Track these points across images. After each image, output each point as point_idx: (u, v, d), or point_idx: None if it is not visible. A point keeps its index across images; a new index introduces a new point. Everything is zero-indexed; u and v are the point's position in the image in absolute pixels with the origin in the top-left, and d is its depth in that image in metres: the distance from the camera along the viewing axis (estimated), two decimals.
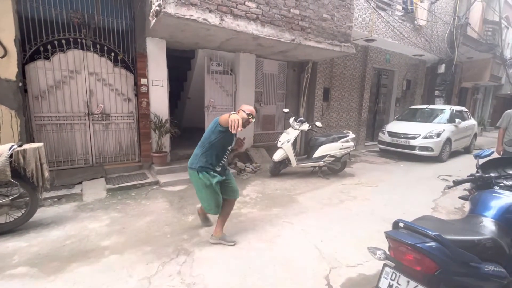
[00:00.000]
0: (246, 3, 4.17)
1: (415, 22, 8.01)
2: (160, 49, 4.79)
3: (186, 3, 3.63)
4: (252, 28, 4.27)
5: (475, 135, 8.50)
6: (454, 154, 7.49)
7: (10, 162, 2.62)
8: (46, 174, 2.85)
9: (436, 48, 9.14)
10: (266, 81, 6.63)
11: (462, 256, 1.12)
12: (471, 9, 9.54)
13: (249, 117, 2.45)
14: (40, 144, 2.85)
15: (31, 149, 2.74)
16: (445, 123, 7.08)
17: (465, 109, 8.33)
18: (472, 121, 8.22)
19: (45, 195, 3.61)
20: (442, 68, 9.78)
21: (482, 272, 1.14)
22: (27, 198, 2.84)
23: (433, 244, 1.09)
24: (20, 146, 2.72)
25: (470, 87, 13.68)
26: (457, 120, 7.18)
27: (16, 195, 2.74)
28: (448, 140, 6.89)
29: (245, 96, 6.01)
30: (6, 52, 3.65)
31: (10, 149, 2.63)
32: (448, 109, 7.53)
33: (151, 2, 3.89)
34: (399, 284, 1.19)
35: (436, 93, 10.28)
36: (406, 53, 8.98)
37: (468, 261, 1.12)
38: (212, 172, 2.50)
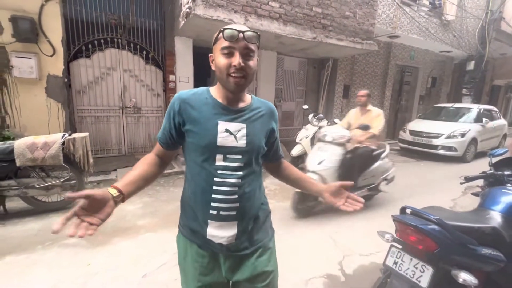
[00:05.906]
0: (270, 3, 4.34)
1: (443, 17, 7.75)
2: (187, 48, 5.09)
3: (213, 5, 3.87)
4: (275, 27, 4.44)
5: (505, 136, 8.12)
6: (480, 155, 7.23)
7: (62, 149, 3.02)
8: (91, 160, 3.24)
9: (465, 44, 8.78)
10: (286, 78, 6.77)
11: (460, 238, 1.26)
12: (506, 2, 9.01)
13: None
14: (86, 134, 3.24)
15: (79, 137, 3.13)
16: (471, 123, 6.85)
17: (495, 109, 7.97)
18: (502, 121, 7.87)
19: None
20: (471, 65, 9.36)
21: (479, 253, 1.28)
22: (74, 181, 3.25)
23: (434, 226, 1.25)
24: (70, 135, 3.12)
25: (503, 85, 12.93)
26: (484, 119, 6.92)
27: (66, 178, 3.15)
28: (474, 140, 6.68)
29: (265, 92, 6.20)
30: (54, 51, 4.10)
31: (62, 137, 3.03)
32: (475, 108, 7.26)
33: (181, 4, 4.18)
34: (403, 261, 1.36)
35: (464, 91, 9.86)
36: (432, 49, 8.70)
37: (466, 243, 1.26)
38: (189, 241, 1.01)
